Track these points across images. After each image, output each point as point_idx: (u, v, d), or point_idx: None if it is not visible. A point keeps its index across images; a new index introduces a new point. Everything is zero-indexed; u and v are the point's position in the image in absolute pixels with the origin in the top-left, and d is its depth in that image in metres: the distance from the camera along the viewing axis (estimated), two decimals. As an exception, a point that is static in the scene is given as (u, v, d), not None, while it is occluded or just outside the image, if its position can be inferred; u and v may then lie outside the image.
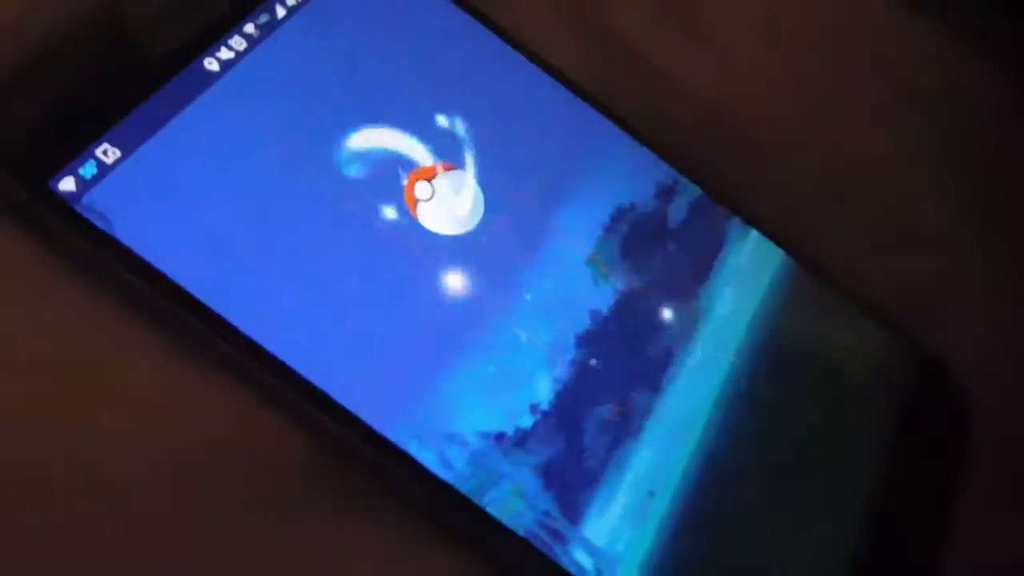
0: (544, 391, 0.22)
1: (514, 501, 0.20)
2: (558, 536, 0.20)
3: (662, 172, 0.26)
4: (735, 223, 0.26)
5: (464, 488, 0.20)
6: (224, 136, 0.21)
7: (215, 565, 0.19)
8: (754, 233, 0.26)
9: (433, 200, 0.23)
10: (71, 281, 0.20)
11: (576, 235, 0.24)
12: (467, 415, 0.21)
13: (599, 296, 0.24)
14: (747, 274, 0.26)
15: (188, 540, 0.19)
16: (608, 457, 0.21)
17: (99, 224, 0.19)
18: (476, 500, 0.20)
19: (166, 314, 0.20)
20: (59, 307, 0.20)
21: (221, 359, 0.20)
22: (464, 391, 0.21)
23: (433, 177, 0.23)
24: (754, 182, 0.29)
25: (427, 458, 0.20)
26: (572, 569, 0.20)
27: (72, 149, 0.20)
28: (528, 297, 0.23)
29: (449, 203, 0.23)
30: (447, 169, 0.23)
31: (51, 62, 0.21)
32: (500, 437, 0.21)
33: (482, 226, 0.23)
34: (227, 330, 0.20)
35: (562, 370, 0.22)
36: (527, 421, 0.21)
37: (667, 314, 0.24)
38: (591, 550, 0.21)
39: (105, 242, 0.19)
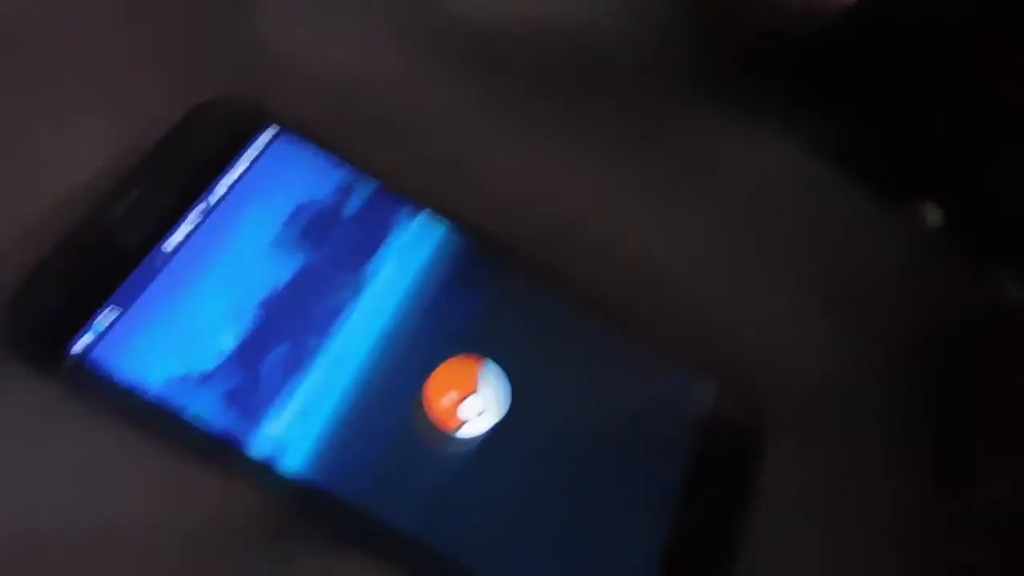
0: (226, 342, 0.28)
1: (205, 417, 0.27)
2: (237, 438, 0.27)
3: (342, 174, 0.32)
4: (405, 210, 0.32)
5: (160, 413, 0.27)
6: (182, 299, 0.28)
7: None
8: (421, 215, 0.32)
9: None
10: (85, 413, 0.26)
11: (262, 227, 0.30)
12: (155, 365, 0.27)
13: (279, 270, 0.30)
14: (410, 248, 0.32)
15: None
16: (283, 383, 0.28)
17: (101, 372, 0.27)
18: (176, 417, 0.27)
19: (157, 430, 0.26)
20: (78, 429, 0.26)
21: (196, 453, 0.26)
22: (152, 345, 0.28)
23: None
24: None
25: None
26: (253, 454, 0.27)
27: (77, 322, 0.27)
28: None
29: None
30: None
31: (53, 264, 0.28)
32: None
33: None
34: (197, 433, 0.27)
35: (243, 326, 0.28)
36: (210, 365, 0.28)
37: (337, 279, 0.30)
38: (267, 442, 0.27)
39: (110, 384, 0.26)
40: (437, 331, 0.31)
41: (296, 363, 0.28)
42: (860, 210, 0.38)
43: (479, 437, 0.29)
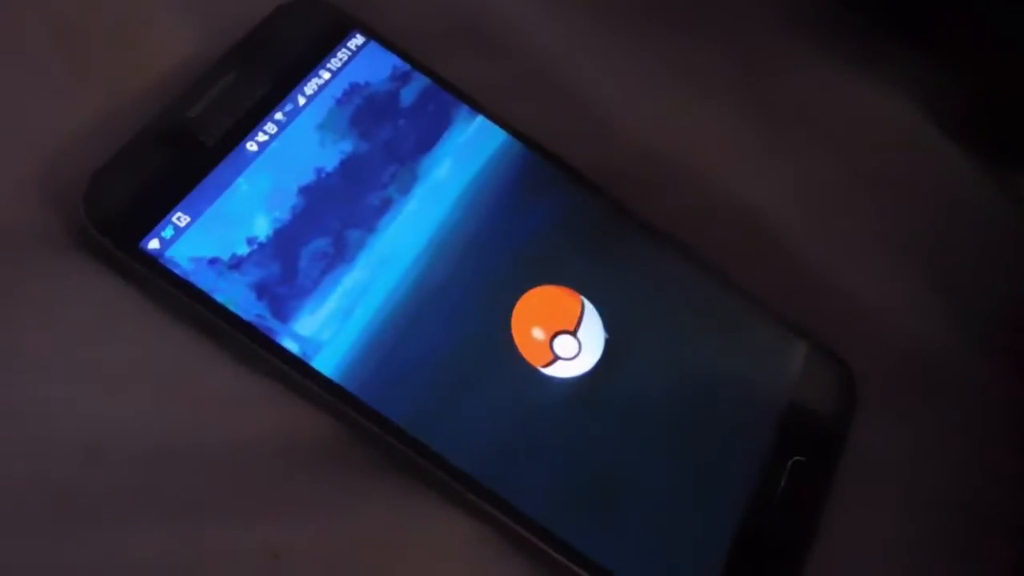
0: (262, 227, 0.28)
1: (232, 303, 0.26)
2: (271, 329, 0.26)
3: (396, 62, 0.32)
4: (462, 109, 0.32)
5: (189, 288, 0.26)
6: (263, 201, 0.28)
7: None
8: (479, 118, 0.32)
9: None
10: (155, 316, 0.26)
11: (308, 106, 0.30)
12: (183, 244, 0.27)
13: (324, 156, 0.29)
14: (465, 150, 0.31)
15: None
16: (321, 278, 0.27)
17: (177, 272, 0.26)
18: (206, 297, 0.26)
19: (225, 334, 0.26)
20: (147, 333, 0.26)
21: (268, 369, 0.26)
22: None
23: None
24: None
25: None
26: (286, 348, 0.26)
27: (155, 216, 0.26)
28: (253, 148, 0.28)
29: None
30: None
31: (136, 152, 0.27)
32: (214, 261, 0.27)
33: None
34: (271, 345, 0.26)
35: (281, 212, 0.28)
36: (243, 250, 0.27)
37: (387, 173, 0.30)
38: (298, 339, 0.26)
39: (182, 285, 0.26)
40: (522, 255, 0.30)
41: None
42: (965, 175, 0.36)
43: (568, 379, 0.28)
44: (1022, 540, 0.30)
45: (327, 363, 0.26)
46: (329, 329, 0.27)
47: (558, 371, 0.28)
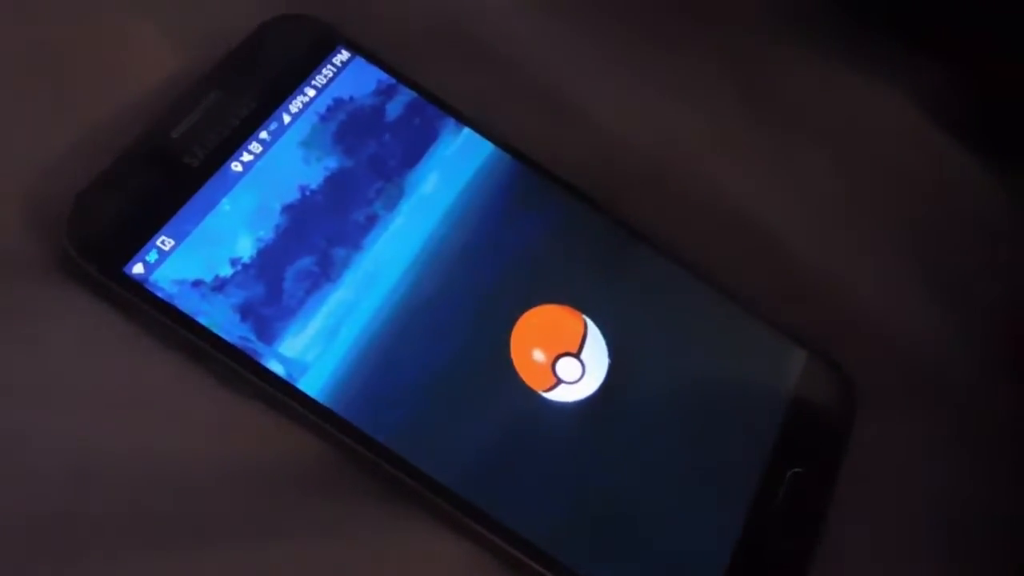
0: (245, 248, 0.27)
1: (217, 326, 0.26)
2: (255, 352, 0.26)
3: (381, 76, 0.31)
4: (449, 122, 0.31)
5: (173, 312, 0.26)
6: (247, 221, 0.27)
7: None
8: (466, 131, 0.31)
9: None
10: (140, 340, 0.26)
11: (293, 123, 0.29)
12: (167, 268, 0.26)
13: (309, 173, 0.29)
14: (453, 163, 0.31)
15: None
16: (305, 297, 0.27)
17: (161, 296, 0.26)
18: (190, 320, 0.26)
19: (210, 357, 0.26)
20: (132, 358, 0.26)
21: (254, 391, 0.26)
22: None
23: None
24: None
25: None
26: (271, 370, 0.26)
27: (139, 240, 0.26)
28: (238, 169, 0.28)
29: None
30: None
31: (119, 175, 0.27)
32: (197, 283, 0.26)
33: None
34: (257, 367, 0.26)
35: (265, 232, 0.27)
36: (226, 271, 0.27)
37: (373, 189, 0.29)
38: (284, 361, 0.26)
39: (166, 309, 0.26)
40: (518, 273, 0.29)
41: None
42: (965, 175, 0.36)
43: (570, 403, 0.28)
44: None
45: (313, 384, 0.26)
46: (314, 350, 0.27)
47: (560, 395, 0.28)
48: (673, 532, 0.27)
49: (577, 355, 0.29)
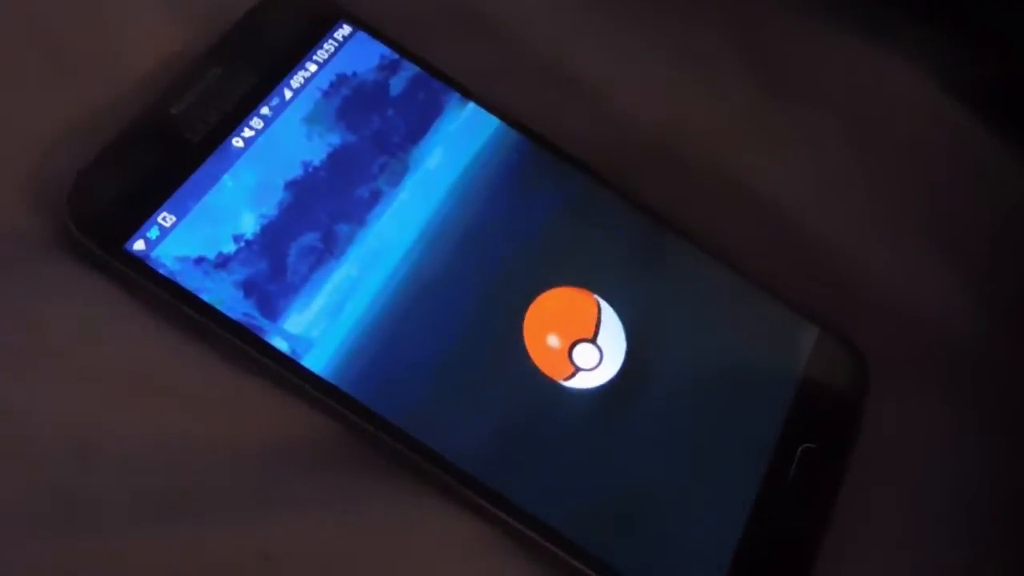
0: (248, 224, 0.27)
1: (220, 303, 0.26)
2: (259, 328, 0.26)
3: (384, 51, 0.31)
4: (453, 97, 0.31)
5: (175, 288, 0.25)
6: (250, 197, 0.27)
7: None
8: (471, 105, 0.31)
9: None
10: (143, 317, 0.26)
11: (295, 99, 0.29)
12: (169, 244, 0.26)
13: (312, 149, 0.29)
14: (458, 139, 0.30)
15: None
16: (309, 274, 0.27)
17: (163, 273, 0.25)
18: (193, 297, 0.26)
19: (213, 334, 0.25)
20: (134, 335, 0.26)
21: (258, 368, 0.26)
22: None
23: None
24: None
25: None
26: (275, 347, 0.26)
27: (140, 217, 0.26)
28: (239, 144, 0.28)
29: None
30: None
31: (120, 152, 0.27)
32: (200, 260, 0.26)
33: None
34: (261, 344, 0.26)
35: (268, 208, 0.27)
36: (229, 248, 0.26)
37: (377, 164, 0.29)
38: (288, 337, 0.26)
39: (169, 285, 0.25)
40: (526, 251, 0.29)
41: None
42: (985, 151, 0.35)
43: (588, 390, 0.28)
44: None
45: (317, 361, 0.26)
46: (319, 326, 0.26)
47: (578, 383, 0.27)
48: (687, 509, 0.27)
49: (593, 340, 0.28)
